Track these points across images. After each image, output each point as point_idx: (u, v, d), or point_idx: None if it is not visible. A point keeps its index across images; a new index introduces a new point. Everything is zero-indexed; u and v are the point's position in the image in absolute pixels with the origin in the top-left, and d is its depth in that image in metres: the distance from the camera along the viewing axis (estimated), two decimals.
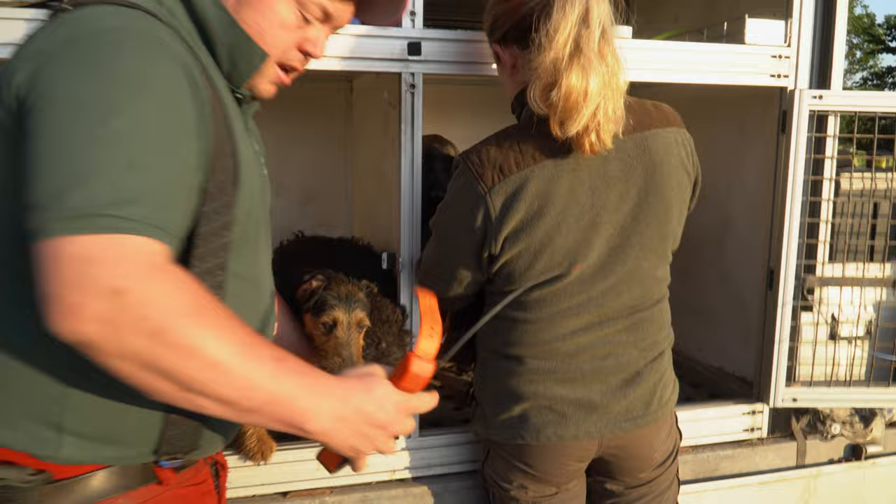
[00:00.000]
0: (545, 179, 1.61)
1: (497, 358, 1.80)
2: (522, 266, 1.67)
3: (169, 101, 1.02)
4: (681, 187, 1.74)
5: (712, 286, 2.82)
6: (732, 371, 2.71)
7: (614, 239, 1.68)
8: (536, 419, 1.74)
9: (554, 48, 1.52)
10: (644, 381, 1.77)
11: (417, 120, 1.95)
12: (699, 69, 2.20)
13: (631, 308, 1.74)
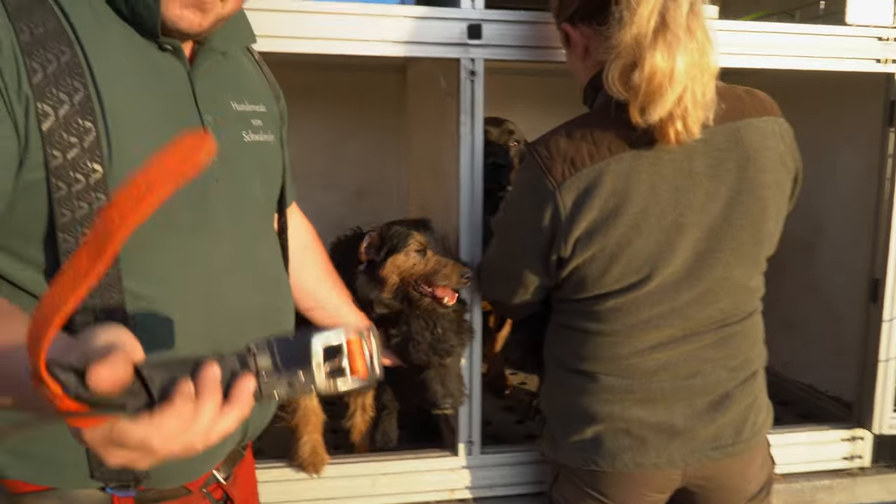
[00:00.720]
0: (622, 174, 1.44)
1: (567, 373, 1.63)
2: (596, 271, 1.50)
3: None
4: (779, 184, 1.54)
5: (801, 296, 2.58)
6: (825, 390, 2.47)
7: (701, 243, 1.49)
8: (612, 443, 1.57)
9: (636, 22, 1.35)
10: (734, 405, 1.58)
11: (478, 110, 1.79)
12: (792, 53, 1.97)
13: (720, 321, 1.56)
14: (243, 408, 0.79)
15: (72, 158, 1.00)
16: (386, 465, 1.95)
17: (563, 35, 1.62)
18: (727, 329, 1.57)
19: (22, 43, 0.98)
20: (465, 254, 1.85)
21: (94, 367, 0.67)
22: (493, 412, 2.43)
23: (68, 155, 1.00)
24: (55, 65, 1.00)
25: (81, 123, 1.00)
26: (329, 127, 2.89)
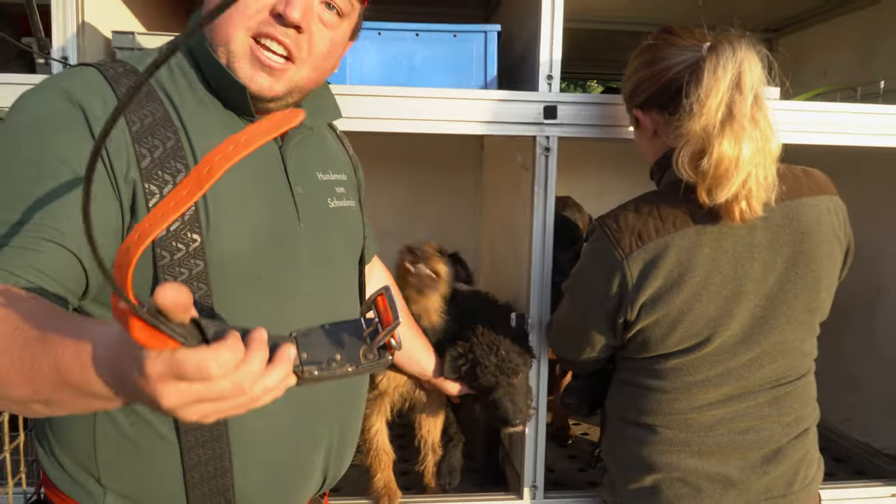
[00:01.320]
0: (686, 247, 1.57)
1: (628, 425, 1.75)
2: (659, 334, 1.62)
3: (36, 143, 1.08)
4: (832, 257, 1.66)
5: (861, 354, 2.64)
6: (881, 448, 2.52)
7: (759, 310, 1.61)
8: (669, 492, 1.68)
9: (705, 114, 1.49)
10: (786, 459, 1.67)
11: (551, 182, 1.96)
12: (855, 131, 2.09)
13: (774, 381, 1.66)
14: (285, 366, 0.82)
15: (174, 230, 1.12)
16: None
17: (633, 118, 1.77)
18: (781, 389, 1.67)
19: (133, 133, 1.13)
20: (534, 311, 2.00)
21: (162, 285, 0.71)
22: (556, 460, 2.56)
23: (171, 227, 1.13)
24: (161, 150, 1.14)
25: None
26: (408, 188, 3.08)
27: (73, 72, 1.16)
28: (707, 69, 1.49)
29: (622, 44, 3.37)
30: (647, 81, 1.67)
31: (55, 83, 1.13)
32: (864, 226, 2.52)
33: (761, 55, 1.53)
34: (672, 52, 1.61)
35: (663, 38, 1.66)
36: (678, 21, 2.91)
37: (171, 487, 1.19)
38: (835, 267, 1.68)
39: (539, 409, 2.06)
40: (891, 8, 2.51)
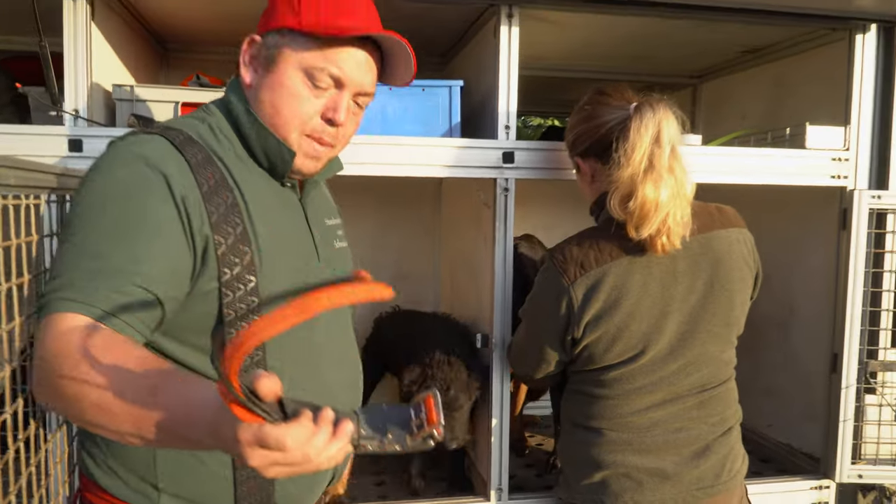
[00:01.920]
0: (621, 274, 1.85)
1: (579, 429, 2.00)
2: (602, 349, 1.89)
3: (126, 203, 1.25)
4: (743, 281, 1.95)
5: (780, 367, 2.98)
6: (800, 448, 2.85)
7: (683, 326, 1.89)
8: (616, 486, 1.92)
9: (631, 164, 1.78)
10: (714, 454, 1.94)
11: (510, 219, 2.25)
12: (763, 172, 2.43)
13: (700, 387, 1.93)
14: (344, 440, 0.98)
15: (236, 274, 1.33)
16: None
17: (575, 164, 2.06)
18: (706, 393, 1.95)
19: (203, 193, 1.32)
20: (497, 332, 2.27)
21: (261, 376, 0.92)
22: (515, 468, 2.81)
23: (234, 271, 1.32)
24: (224, 207, 1.35)
25: (242, 248, 1.36)
26: (375, 219, 3.33)
27: (143, 139, 1.34)
28: (633, 127, 1.79)
29: (567, 87, 3.73)
30: (585, 134, 1.96)
31: (130, 150, 1.31)
32: (778, 255, 2.90)
33: (677, 115, 1.84)
34: (605, 110, 1.91)
35: (597, 98, 1.95)
36: (618, 69, 3.29)
37: (223, 487, 1.39)
38: (746, 289, 1.97)
39: (501, 421, 2.32)
40: (795, 63, 2.89)
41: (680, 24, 2.57)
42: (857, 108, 2.50)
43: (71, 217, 1.26)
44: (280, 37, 1.41)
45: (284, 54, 1.40)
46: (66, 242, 1.23)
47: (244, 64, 1.46)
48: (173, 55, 3.12)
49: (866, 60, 2.50)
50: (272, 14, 1.43)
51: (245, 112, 1.46)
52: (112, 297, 1.17)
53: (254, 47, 1.45)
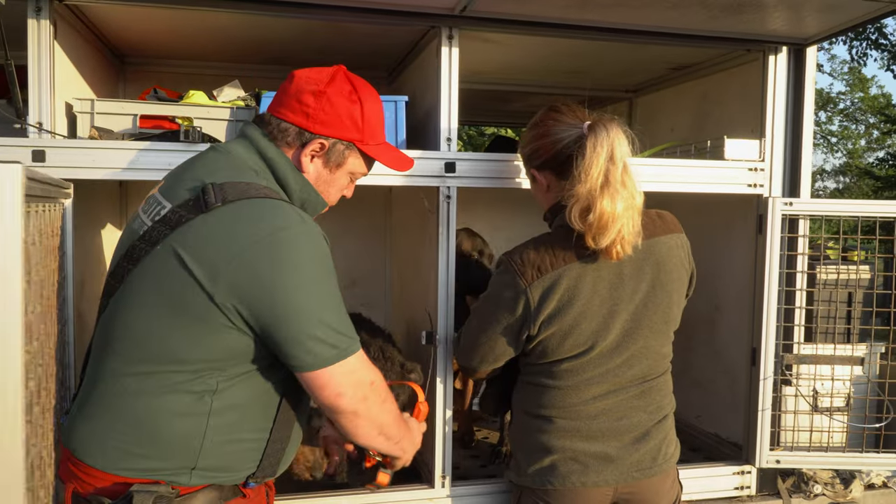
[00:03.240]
0: (573, 277, 2.01)
1: (531, 418, 2.15)
2: (555, 344, 2.05)
3: (328, 263, 1.64)
4: (680, 281, 2.13)
5: (707, 362, 3.20)
6: (727, 437, 3.06)
7: (628, 323, 2.05)
8: (563, 468, 2.07)
9: (589, 181, 1.93)
10: (651, 439, 2.10)
11: (452, 223, 2.42)
12: (688, 181, 2.64)
13: (641, 378, 2.10)
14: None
15: None
16: (377, 497, 2.48)
17: (530, 176, 2.21)
18: (646, 384, 2.12)
19: None
20: (440, 328, 2.44)
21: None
22: (461, 459, 2.99)
23: None
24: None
25: None
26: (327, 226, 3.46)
27: (289, 208, 1.62)
28: (588, 146, 1.95)
29: (512, 99, 3.92)
30: (541, 150, 2.11)
31: (303, 224, 1.60)
32: (706, 256, 3.12)
33: (626, 133, 2.01)
34: (560, 128, 2.06)
35: (552, 116, 2.11)
36: (558, 83, 3.48)
37: (252, 455, 1.68)
38: (682, 288, 2.16)
39: (445, 413, 2.49)
40: (719, 80, 3.13)
41: (608, 45, 2.77)
42: (771, 122, 2.74)
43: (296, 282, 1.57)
44: (345, 147, 1.80)
45: (347, 163, 1.83)
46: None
47: (308, 157, 1.77)
48: (130, 68, 3.23)
49: (778, 79, 2.74)
50: (334, 121, 1.76)
51: (293, 172, 1.77)
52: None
53: (323, 149, 1.78)
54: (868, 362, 2.83)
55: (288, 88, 1.77)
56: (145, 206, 1.67)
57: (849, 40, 17.52)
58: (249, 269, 1.51)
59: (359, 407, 1.64)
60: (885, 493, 2.98)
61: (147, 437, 1.57)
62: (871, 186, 19.39)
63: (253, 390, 1.65)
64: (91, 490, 1.57)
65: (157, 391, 1.57)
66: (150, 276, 1.56)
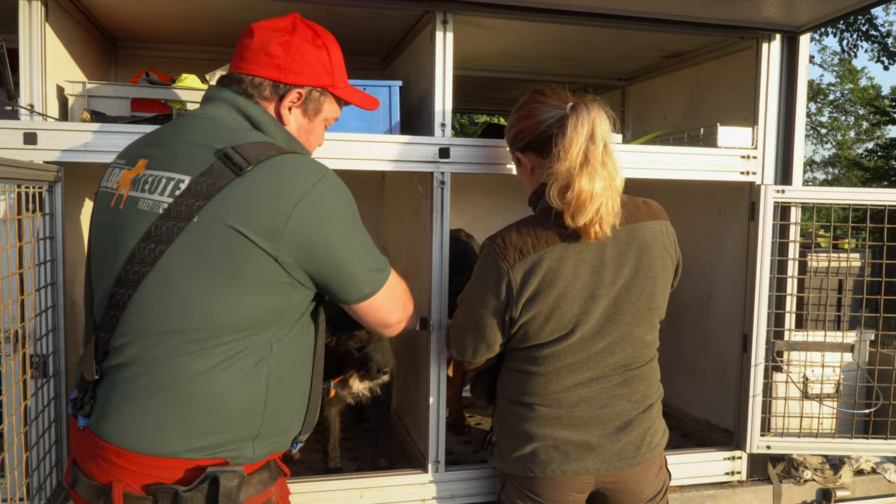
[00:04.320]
0: (555, 259, 2.01)
1: (514, 405, 2.16)
2: (536, 327, 2.05)
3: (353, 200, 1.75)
4: (665, 268, 2.12)
5: (699, 349, 3.21)
6: (717, 423, 3.09)
7: (610, 308, 2.05)
8: (544, 456, 2.07)
9: (568, 159, 1.94)
10: (635, 429, 2.10)
11: (446, 209, 2.42)
12: (680, 168, 2.65)
13: (624, 366, 2.09)
14: None
15: None
16: (371, 481, 2.50)
17: (515, 159, 2.23)
18: (630, 373, 2.12)
19: None
20: (434, 314, 2.44)
21: None
22: (454, 445, 3.00)
23: None
24: None
25: None
26: None
27: (311, 160, 1.70)
28: (569, 125, 1.96)
29: (506, 87, 3.92)
30: (525, 131, 2.13)
31: (328, 171, 1.67)
32: (699, 244, 3.13)
33: (608, 114, 2.02)
34: (543, 109, 2.08)
35: (536, 98, 2.12)
36: (552, 70, 3.48)
37: (297, 415, 1.79)
38: (667, 276, 2.15)
39: (439, 400, 2.49)
40: (712, 68, 3.13)
41: (601, 32, 2.77)
42: (764, 109, 2.74)
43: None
44: (320, 94, 1.83)
45: (324, 109, 1.87)
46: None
47: (287, 108, 1.78)
48: (122, 52, 3.21)
49: (772, 66, 2.74)
50: (306, 70, 1.78)
51: (278, 129, 1.79)
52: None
53: (301, 98, 1.80)
54: (858, 349, 2.85)
55: (250, 43, 1.76)
56: (137, 186, 1.61)
57: (839, 32, 17.55)
58: (305, 223, 1.57)
59: (403, 315, 1.91)
60: (873, 479, 3.01)
61: (213, 413, 1.57)
62: (860, 178, 19.49)
63: (298, 346, 1.74)
64: (151, 481, 1.53)
65: (218, 365, 1.56)
66: (193, 251, 1.53)
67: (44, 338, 2.11)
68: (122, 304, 1.57)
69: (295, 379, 1.76)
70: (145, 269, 1.54)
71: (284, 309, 1.66)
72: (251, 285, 1.56)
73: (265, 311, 1.61)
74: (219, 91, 1.74)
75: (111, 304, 1.58)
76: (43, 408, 2.10)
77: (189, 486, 1.52)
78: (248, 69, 1.74)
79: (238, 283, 1.54)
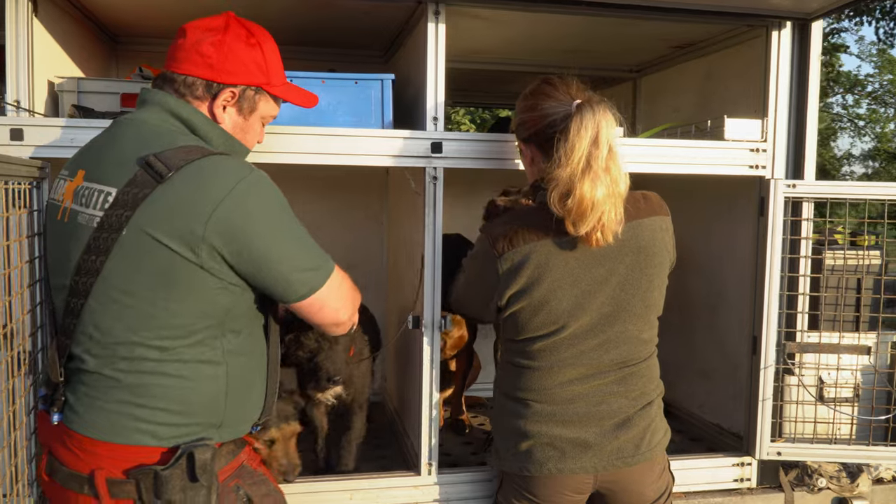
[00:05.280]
0: (545, 254, 1.96)
1: (509, 400, 2.11)
2: (525, 319, 2.00)
3: (283, 198, 1.70)
4: (662, 266, 2.07)
5: (709, 350, 3.11)
6: (728, 427, 2.98)
7: (605, 306, 2.00)
8: (540, 454, 2.02)
9: (570, 165, 1.87)
10: (634, 426, 2.05)
11: (439, 206, 2.36)
12: (686, 162, 2.55)
13: (620, 363, 2.04)
14: None
15: None
16: (363, 482, 2.45)
17: (519, 147, 2.18)
18: (627, 370, 2.05)
19: None
20: (426, 314, 2.39)
21: None
22: (453, 447, 2.94)
23: None
24: None
25: None
26: (323, 209, 3.44)
27: (233, 160, 1.67)
28: (573, 128, 1.88)
29: (514, 80, 3.84)
30: (528, 122, 2.07)
31: (252, 170, 1.64)
32: (709, 241, 3.03)
33: (615, 116, 1.94)
34: (549, 104, 2.00)
35: (543, 90, 2.05)
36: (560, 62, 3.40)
37: (257, 405, 1.83)
38: (663, 273, 2.09)
39: (431, 401, 2.44)
40: (722, 58, 3.02)
41: (607, 22, 2.68)
42: (774, 101, 2.63)
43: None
44: (255, 92, 1.82)
45: (259, 108, 1.84)
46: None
47: (220, 108, 1.78)
48: (123, 49, 3.20)
49: (782, 56, 2.63)
50: (239, 69, 1.77)
51: (214, 129, 1.78)
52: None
53: (234, 97, 1.79)
54: (875, 351, 2.72)
55: (183, 43, 1.76)
56: (77, 199, 1.65)
57: (875, 20, 16.99)
58: (225, 225, 1.56)
59: (352, 310, 1.85)
60: (894, 488, 2.89)
61: (178, 406, 1.63)
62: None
63: (253, 338, 1.78)
64: (131, 466, 1.60)
65: (176, 363, 1.62)
66: (128, 260, 1.56)
67: (33, 335, 2.09)
68: (77, 313, 1.63)
69: (253, 368, 1.80)
70: (91, 280, 1.59)
71: (228, 309, 1.67)
72: (184, 292, 1.59)
73: (207, 314, 1.64)
74: (151, 94, 1.76)
75: (67, 311, 1.65)
76: (35, 404, 2.08)
77: (166, 465, 1.59)
78: (180, 69, 1.75)
79: (171, 290, 1.59)
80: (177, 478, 1.58)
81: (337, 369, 2.37)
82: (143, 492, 1.58)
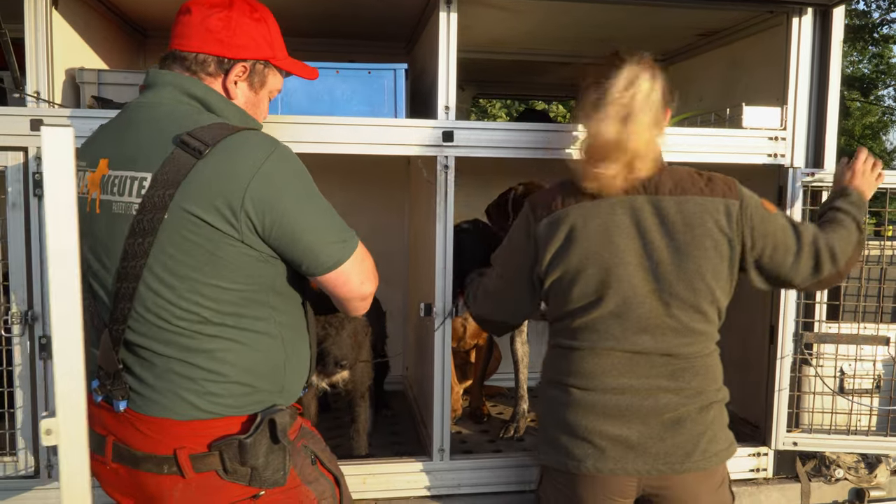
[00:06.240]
0: (581, 216, 1.92)
1: (552, 387, 2.01)
2: (563, 288, 1.93)
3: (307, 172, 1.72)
4: (716, 249, 1.89)
5: (726, 339, 3.05)
6: (745, 417, 2.94)
7: (646, 283, 1.88)
8: (578, 450, 1.90)
9: (597, 105, 1.89)
10: (685, 430, 1.88)
11: (450, 195, 2.37)
12: (705, 150, 2.53)
13: (669, 354, 1.90)
14: None
15: None
16: (375, 467, 2.49)
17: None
18: (680, 363, 1.90)
19: None
20: (438, 304, 2.41)
21: None
22: (471, 435, 2.96)
23: None
24: None
25: None
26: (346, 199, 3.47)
27: (261, 134, 1.67)
28: (614, 81, 1.87)
29: (539, 70, 3.83)
30: (578, 96, 2.05)
31: (278, 144, 1.66)
32: None
33: (661, 76, 1.95)
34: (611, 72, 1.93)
35: (611, 61, 1.97)
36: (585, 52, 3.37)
37: (307, 367, 1.87)
38: (716, 259, 1.90)
39: (443, 387, 2.47)
40: (746, 46, 2.98)
41: (630, 10, 2.67)
42: (794, 88, 2.59)
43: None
44: (264, 66, 1.81)
45: (268, 82, 1.84)
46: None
47: (233, 83, 1.77)
48: (152, 41, 3.26)
49: (803, 43, 2.59)
50: (248, 43, 1.76)
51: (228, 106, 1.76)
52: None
53: (246, 71, 1.78)
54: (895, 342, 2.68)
55: (190, 20, 1.73)
56: (107, 189, 1.63)
57: None
58: (260, 198, 1.57)
59: (373, 286, 1.83)
60: None
61: (248, 376, 1.67)
62: None
63: (296, 305, 1.81)
64: (213, 438, 1.63)
65: (239, 335, 1.66)
66: (175, 239, 1.57)
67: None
68: (130, 297, 1.61)
69: (301, 335, 1.84)
70: (141, 262, 1.58)
71: (272, 280, 1.70)
72: (230, 266, 1.60)
73: (255, 285, 1.66)
74: (161, 75, 1.72)
75: (118, 297, 1.62)
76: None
77: (248, 433, 1.63)
78: (190, 46, 1.71)
79: (217, 265, 1.59)
80: (260, 444, 1.63)
81: (343, 354, 2.43)
82: (227, 461, 1.62)
